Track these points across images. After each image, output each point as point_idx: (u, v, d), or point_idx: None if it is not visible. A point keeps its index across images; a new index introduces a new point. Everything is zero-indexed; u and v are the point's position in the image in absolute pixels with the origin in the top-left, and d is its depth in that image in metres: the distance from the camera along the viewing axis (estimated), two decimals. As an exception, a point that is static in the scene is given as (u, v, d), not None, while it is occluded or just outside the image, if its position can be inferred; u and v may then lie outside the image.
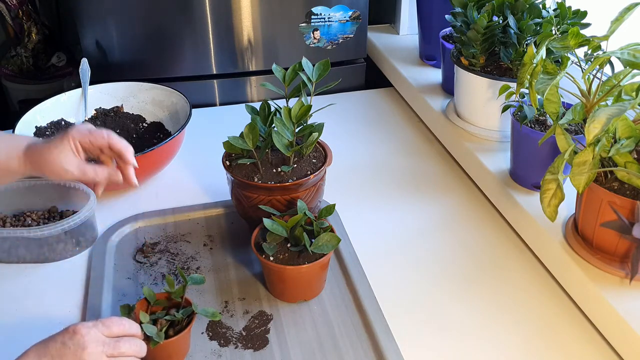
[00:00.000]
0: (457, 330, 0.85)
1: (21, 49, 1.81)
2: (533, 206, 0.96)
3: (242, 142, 0.91)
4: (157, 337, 0.73)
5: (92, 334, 0.65)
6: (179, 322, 0.78)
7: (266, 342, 0.82)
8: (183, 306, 0.79)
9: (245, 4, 1.38)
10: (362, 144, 1.30)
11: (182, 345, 0.79)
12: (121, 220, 1.04)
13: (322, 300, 0.89)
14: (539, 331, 0.85)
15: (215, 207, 1.08)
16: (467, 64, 1.13)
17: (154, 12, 1.35)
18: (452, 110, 1.24)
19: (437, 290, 0.92)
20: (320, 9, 1.43)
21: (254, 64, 1.46)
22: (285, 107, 0.91)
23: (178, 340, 0.76)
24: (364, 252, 0.98)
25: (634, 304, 0.78)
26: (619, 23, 0.84)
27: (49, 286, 0.93)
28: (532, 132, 0.95)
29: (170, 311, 0.79)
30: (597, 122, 0.71)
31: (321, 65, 0.93)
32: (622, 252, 0.82)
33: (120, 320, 0.69)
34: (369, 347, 0.82)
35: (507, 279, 0.94)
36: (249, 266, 0.96)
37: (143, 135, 1.23)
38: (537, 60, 0.86)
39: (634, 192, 0.79)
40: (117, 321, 0.69)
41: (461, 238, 1.02)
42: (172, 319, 0.77)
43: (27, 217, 1.01)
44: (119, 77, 1.34)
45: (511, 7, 1.07)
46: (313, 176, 0.92)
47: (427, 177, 1.18)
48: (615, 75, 0.85)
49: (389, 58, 1.51)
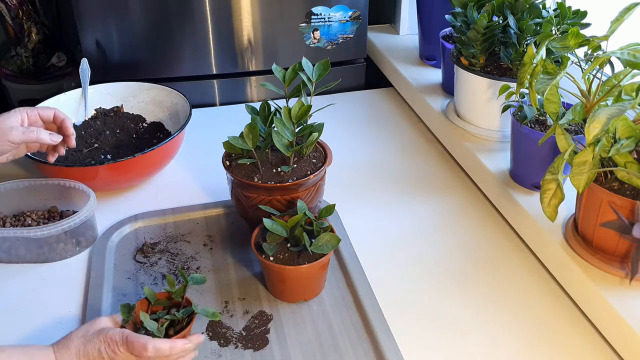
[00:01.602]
0: (457, 330, 0.85)
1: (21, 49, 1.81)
2: (533, 206, 0.96)
3: (242, 142, 0.91)
4: (158, 332, 0.74)
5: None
6: (179, 321, 0.78)
7: (266, 342, 0.82)
8: (184, 306, 0.79)
9: (245, 4, 1.38)
10: (362, 144, 1.30)
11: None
12: (121, 220, 1.04)
13: (322, 300, 0.89)
14: (539, 331, 0.85)
15: (215, 207, 1.08)
16: (467, 64, 1.13)
17: (154, 12, 1.35)
18: (452, 110, 1.24)
19: (437, 290, 0.92)
20: (320, 9, 1.43)
21: (254, 64, 1.46)
22: (285, 107, 0.91)
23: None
24: (364, 252, 0.98)
25: (634, 304, 0.78)
26: (619, 23, 0.84)
27: (49, 286, 0.93)
28: (532, 132, 0.95)
29: (171, 311, 0.79)
30: (597, 122, 0.71)
31: (321, 65, 0.93)
32: (622, 252, 0.82)
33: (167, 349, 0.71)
34: (369, 347, 0.82)
35: (507, 278, 0.94)
36: (249, 266, 0.96)
37: (143, 135, 1.23)
38: (537, 60, 0.86)
39: (634, 192, 0.79)
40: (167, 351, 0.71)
41: (461, 238, 1.02)
42: (173, 318, 0.77)
43: (27, 217, 1.01)
44: (119, 77, 1.34)
45: (511, 7, 1.07)
46: (313, 176, 0.92)
47: (427, 177, 1.18)
48: (615, 75, 0.85)
49: (389, 58, 1.51)
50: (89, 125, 1.22)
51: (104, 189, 1.10)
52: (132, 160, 1.05)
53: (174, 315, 0.77)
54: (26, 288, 0.92)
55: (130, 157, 1.04)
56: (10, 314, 0.87)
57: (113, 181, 1.09)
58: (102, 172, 1.05)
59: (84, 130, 1.21)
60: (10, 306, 0.89)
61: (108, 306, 0.87)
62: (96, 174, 1.05)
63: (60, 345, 0.70)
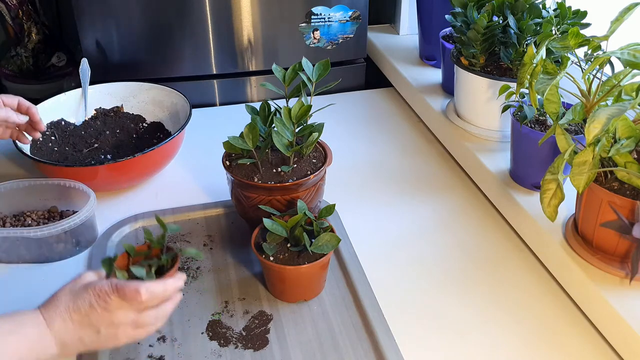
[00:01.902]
0: (457, 330, 0.85)
1: (21, 49, 1.81)
2: (533, 206, 0.96)
3: (242, 142, 0.91)
4: (148, 277, 0.73)
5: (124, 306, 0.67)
6: (163, 266, 0.78)
7: (266, 342, 0.82)
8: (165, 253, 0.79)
9: (245, 4, 1.38)
10: (362, 144, 1.30)
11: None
12: (121, 220, 1.04)
13: (322, 300, 0.89)
14: (539, 331, 0.85)
15: (215, 207, 1.08)
16: (467, 64, 1.13)
17: (154, 12, 1.35)
18: (452, 110, 1.24)
19: (437, 290, 0.92)
20: (320, 9, 1.43)
21: (254, 64, 1.46)
22: (285, 107, 0.91)
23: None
24: (364, 252, 0.98)
25: (634, 304, 0.78)
26: (619, 23, 0.84)
27: (49, 286, 0.92)
28: (532, 132, 0.95)
29: (152, 261, 0.79)
30: (597, 122, 0.71)
31: (321, 65, 0.93)
32: (622, 252, 0.82)
33: (150, 290, 0.68)
34: (369, 347, 0.82)
35: (507, 278, 0.94)
36: (249, 266, 0.96)
37: (143, 135, 1.23)
38: (537, 60, 0.86)
39: (634, 192, 0.79)
40: (151, 292, 0.68)
41: (461, 238, 1.02)
42: (157, 263, 0.77)
43: (27, 217, 1.01)
44: (119, 77, 1.34)
45: (511, 7, 1.07)
46: (313, 176, 0.92)
47: (427, 177, 1.18)
48: (615, 75, 0.85)
49: (389, 58, 1.51)
50: (89, 125, 1.22)
51: (104, 189, 1.10)
52: (132, 160, 1.05)
53: (156, 261, 0.77)
54: (26, 288, 0.92)
55: (130, 157, 1.04)
56: (10, 314, 0.87)
57: (113, 181, 1.09)
58: (102, 172, 1.05)
59: (84, 130, 1.21)
60: (10, 306, 0.88)
61: (108, 306, 0.87)
62: (96, 174, 1.05)
63: (47, 306, 0.67)
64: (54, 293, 0.69)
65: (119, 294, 0.66)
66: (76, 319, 0.66)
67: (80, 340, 0.67)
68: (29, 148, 1.12)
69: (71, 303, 0.67)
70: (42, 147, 1.15)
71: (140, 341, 0.82)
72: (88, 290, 0.67)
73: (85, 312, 0.66)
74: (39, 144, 1.15)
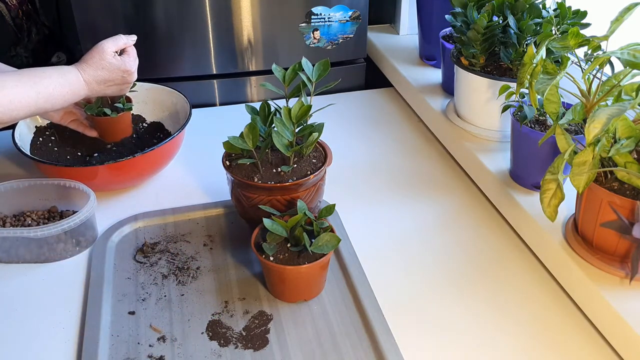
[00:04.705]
0: (457, 330, 0.85)
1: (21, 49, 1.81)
2: (533, 206, 0.96)
3: (242, 142, 0.91)
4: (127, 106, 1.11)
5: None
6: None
7: (266, 342, 0.82)
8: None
9: (245, 4, 1.38)
10: (362, 144, 1.30)
11: (128, 121, 1.17)
12: (121, 220, 1.04)
13: (322, 300, 0.89)
14: (539, 331, 0.85)
15: (215, 207, 1.08)
16: (467, 64, 1.13)
17: (154, 12, 1.35)
18: (452, 110, 1.24)
19: (437, 290, 0.92)
20: (320, 9, 1.43)
21: (254, 64, 1.46)
22: (285, 107, 0.91)
23: (126, 114, 1.14)
24: (364, 252, 0.98)
25: (634, 304, 0.78)
26: (619, 23, 0.84)
27: (49, 286, 0.93)
28: (532, 132, 0.95)
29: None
30: (597, 122, 0.71)
31: (321, 65, 0.93)
32: (622, 252, 0.82)
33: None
34: (369, 347, 0.82)
35: (507, 278, 0.94)
36: (249, 266, 0.96)
37: (143, 135, 1.23)
38: (537, 60, 0.86)
39: (634, 192, 0.79)
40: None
41: (461, 238, 1.02)
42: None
43: (27, 217, 1.01)
44: (119, 77, 1.33)
45: (511, 7, 1.07)
46: (313, 176, 0.92)
47: (427, 177, 1.18)
48: (615, 75, 0.85)
49: (389, 58, 1.51)
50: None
51: (104, 189, 1.10)
52: (132, 160, 1.05)
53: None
54: (26, 288, 0.92)
55: (130, 157, 1.04)
56: (10, 314, 0.87)
57: (113, 181, 1.09)
58: (102, 172, 1.05)
59: (84, 130, 1.21)
60: (10, 306, 0.89)
61: (108, 306, 0.87)
62: (96, 174, 1.05)
63: (80, 63, 0.98)
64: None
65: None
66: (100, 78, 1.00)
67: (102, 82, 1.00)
68: (29, 148, 1.12)
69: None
70: (42, 147, 1.15)
71: (140, 341, 0.82)
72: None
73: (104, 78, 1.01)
74: (39, 144, 1.15)
